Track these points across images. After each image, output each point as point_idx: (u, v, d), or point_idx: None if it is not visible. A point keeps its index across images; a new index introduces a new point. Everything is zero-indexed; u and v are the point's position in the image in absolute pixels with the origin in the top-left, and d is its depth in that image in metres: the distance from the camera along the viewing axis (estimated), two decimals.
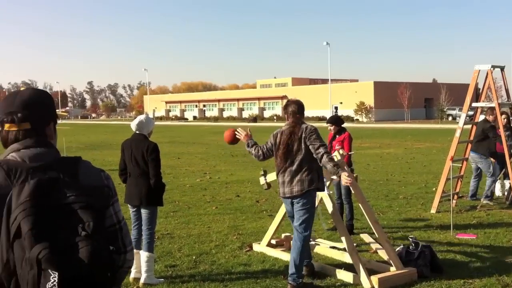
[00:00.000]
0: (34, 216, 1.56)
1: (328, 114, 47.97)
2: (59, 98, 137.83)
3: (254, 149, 5.89)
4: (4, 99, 1.88)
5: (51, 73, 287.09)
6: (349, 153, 7.75)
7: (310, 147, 5.40)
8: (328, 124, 8.01)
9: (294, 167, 5.46)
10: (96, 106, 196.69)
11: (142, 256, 5.62)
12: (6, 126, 1.83)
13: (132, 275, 5.72)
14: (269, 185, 6.53)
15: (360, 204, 6.39)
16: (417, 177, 13.99)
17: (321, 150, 5.37)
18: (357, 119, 69.06)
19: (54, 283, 1.49)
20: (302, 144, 5.45)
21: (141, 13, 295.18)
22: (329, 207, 6.17)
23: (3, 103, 1.86)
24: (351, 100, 71.06)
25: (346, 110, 70.72)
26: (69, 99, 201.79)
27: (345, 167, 5.98)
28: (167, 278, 5.77)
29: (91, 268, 1.55)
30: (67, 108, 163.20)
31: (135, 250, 5.73)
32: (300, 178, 5.44)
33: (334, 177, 6.29)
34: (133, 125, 5.90)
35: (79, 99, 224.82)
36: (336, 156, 6.58)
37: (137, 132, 5.86)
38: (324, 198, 6.26)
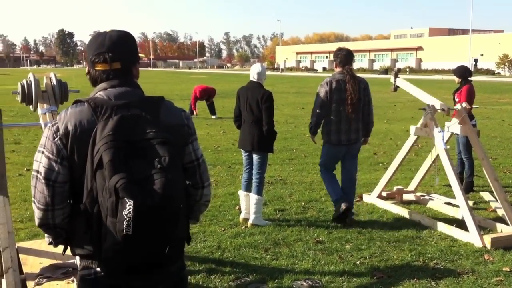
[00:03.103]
0: (115, 149, 1.70)
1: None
2: (197, 48, 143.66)
3: (317, 119, 5.94)
4: (93, 40, 1.98)
5: (191, 24, 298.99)
6: (473, 106, 7.30)
7: (366, 99, 5.89)
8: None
9: (354, 116, 5.83)
10: (231, 56, 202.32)
11: (251, 199, 5.87)
12: (98, 66, 1.96)
13: (242, 215, 6.01)
14: (396, 88, 6.74)
15: (480, 161, 6.06)
16: None
17: (372, 107, 6.00)
18: (499, 73, 63.85)
19: (130, 210, 1.63)
20: (361, 95, 5.83)
21: None
22: (445, 162, 5.91)
23: (93, 44, 1.97)
24: (493, 53, 65.72)
25: (487, 62, 65.68)
26: (206, 49, 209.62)
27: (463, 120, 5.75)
28: (274, 221, 5.99)
29: (163, 199, 1.67)
30: (205, 58, 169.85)
31: (245, 193, 6.01)
32: (357, 127, 5.90)
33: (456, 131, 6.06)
34: (252, 73, 6.04)
35: (216, 49, 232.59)
36: (458, 108, 6.25)
37: (254, 80, 6.00)
38: (441, 153, 6.00)
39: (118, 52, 1.94)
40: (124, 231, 1.64)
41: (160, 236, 1.72)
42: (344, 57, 5.86)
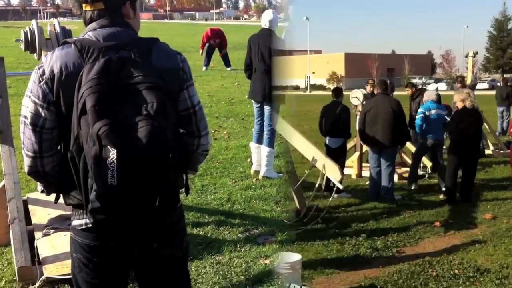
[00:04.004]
0: (99, 94, 1.58)
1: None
2: None
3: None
4: None
5: None
6: None
7: None
8: None
9: None
10: (248, 7, 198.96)
11: (262, 151, 5.78)
12: (83, 6, 1.85)
13: (253, 168, 5.94)
14: None
15: None
16: None
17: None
18: (329, 88, 62.76)
19: (113, 159, 1.52)
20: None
21: None
22: None
23: None
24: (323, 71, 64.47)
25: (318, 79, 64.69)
26: (223, 0, 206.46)
27: None
28: (286, 173, 5.91)
29: (148, 147, 1.55)
30: (221, 9, 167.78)
31: (256, 145, 5.92)
32: None
33: None
34: (264, 20, 5.84)
35: (233, 0, 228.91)
36: None
37: (265, 27, 5.81)
38: None
39: None
40: (108, 181, 1.54)
41: (148, 186, 1.61)
42: None
